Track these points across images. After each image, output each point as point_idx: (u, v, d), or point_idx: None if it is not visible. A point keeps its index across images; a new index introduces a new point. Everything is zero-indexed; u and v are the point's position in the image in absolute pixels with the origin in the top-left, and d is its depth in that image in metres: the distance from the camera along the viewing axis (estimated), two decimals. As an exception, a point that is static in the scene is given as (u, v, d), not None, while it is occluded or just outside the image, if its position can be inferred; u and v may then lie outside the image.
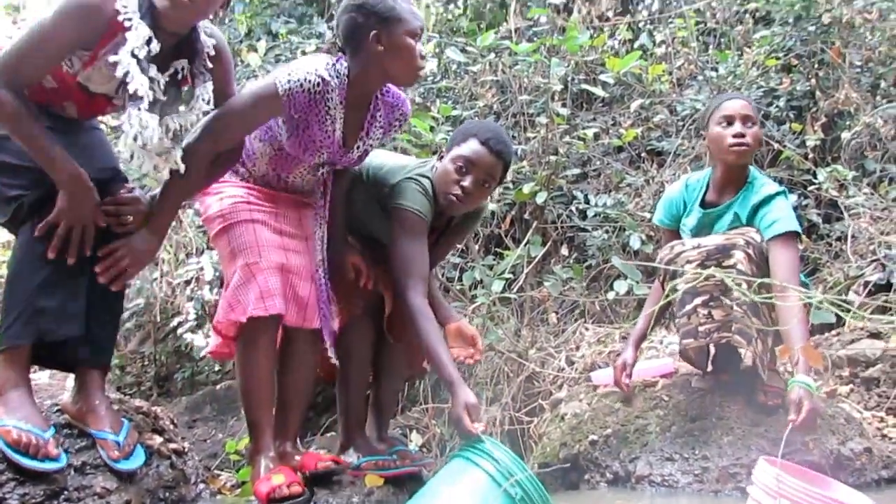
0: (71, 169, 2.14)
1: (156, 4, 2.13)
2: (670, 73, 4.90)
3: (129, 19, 2.11)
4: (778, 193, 2.74)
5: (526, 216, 4.35)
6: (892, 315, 3.02)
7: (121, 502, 2.25)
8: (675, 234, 3.05)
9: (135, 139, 2.18)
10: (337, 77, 2.35)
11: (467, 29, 5.65)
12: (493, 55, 4.69)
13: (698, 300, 2.66)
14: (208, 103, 2.31)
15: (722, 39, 5.29)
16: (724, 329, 2.65)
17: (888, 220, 3.74)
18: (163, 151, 2.30)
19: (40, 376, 2.87)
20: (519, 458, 2.23)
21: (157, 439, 2.55)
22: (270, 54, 5.15)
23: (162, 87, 2.22)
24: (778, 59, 4.88)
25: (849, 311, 2.43)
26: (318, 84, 2.30)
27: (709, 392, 2.90)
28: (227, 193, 2.49)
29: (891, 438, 2.86)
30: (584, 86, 4.78)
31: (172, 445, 2.57)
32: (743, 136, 2.75)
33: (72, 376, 2.46)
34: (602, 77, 4.67)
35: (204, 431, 3.65)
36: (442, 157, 2.64)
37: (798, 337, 2.47)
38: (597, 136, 4.55)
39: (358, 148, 2.52)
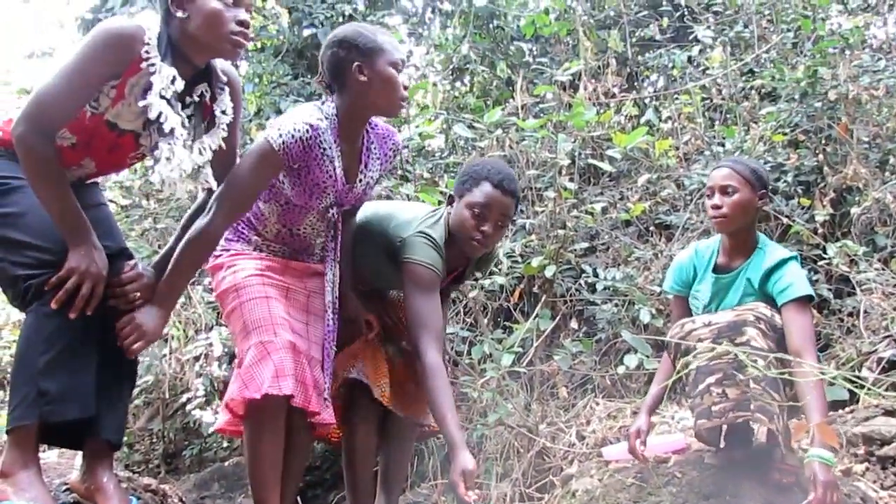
0: (85, 226, 2.19)
1: (175, 40, 2.21)
2: (677, 148, 4.97)
3: (153, 63, 2.18)
4: (790, 258, 2.74)
5: (535, 290, 4.36)
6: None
7: (128, 582, 2.25)
8: (685, 301, 3.05)
9: (170, 172, 2.24)
10: (326, 118, 2.45)
11: (474, 105, 5.76)
12: (500, 131, 4.77)
13: (711, 379, 2.63)
14: (226, 113, 2.39)
15: (728, 115, 5.38)
16: (739, 408, 2.61)
17: (900, 295, 3.76)
18: (195, 176, 2.40)
19: (49, 455, 2.88)
20: None
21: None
22: (281, 131, 5.25)
23: (188, 119, 2.30)
24: (785, 134, 4.93)
25: (863, 387, 2.43)
26: (308, 131, 2.37)
27: (722, 469, 2.88)
28: (240, 266, 2.51)
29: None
30: (591, 161, 4.85)
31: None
32: (719, 206, 2.79)
33: (80, 455, 2.47)
34: (609, 152, 4.73)
35: (212, 509, 3.63)
36: (452, 201, 2.71)
37: (816, 409, 2.44)
38: (605, 211, 4.60)
39: (360, 182, 2.60)
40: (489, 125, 4.72)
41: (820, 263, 4.21)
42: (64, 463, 2.93)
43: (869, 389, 2.48)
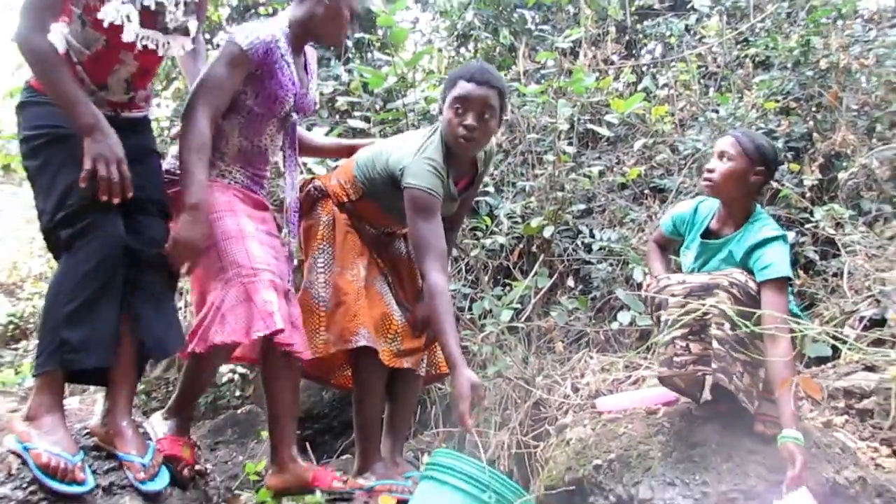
0: (92, 117, 2.19)
1: None
2: (672, 115, 4.95)
3: None
4: (776, 238, 2.69)
5: (533, 249, 4.37)
6: (886, 349, 3.04)
7: (146, 521, 2.29)
8: (668, 241, 3.10)
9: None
10: (281, 30, 2.59)
11: (479, 71, 5.72)
12: (503, 96, 4.74)
13: (677, 332, 2.65)
14: None
15: (723, 83, 5.34)
16: (701, 363, 2.64)
17: (883, 258, 3.76)
18: (179, 26, 2.43)
19: (71, 402, 2.91)
20: (480, 463, 2.27)
21: (181, 462, 2.59)
22: (292, 94, 5.23)
23: None
24: (777, 101, 4.91)
25: (845, 343, 2.46)
26: (270, 37, 2.52)
27: (708, 420, 2.91)
28: (223, 198, 2.52)
29: (884, 468, 2.86)
30: (589, 126, 4.84)
31: (196, 467, 2.59)
32: (712, 171, 2.77)
33: (101, 401, 2.50)
34: (607, 118, 4.71)
35: (225, 453, 3.67)
36: (443, 102, 2.71)
37: (783, 384, 2.46)
38: (602, 174, 4.60)
39: (310, 89, 2.74)
40: (492, 90, 4.68)
41: (807, 226, 4.22)
42: (85, 409, 2.95)
43: (851, 346, 2.49)
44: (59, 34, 2.30)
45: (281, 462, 2.61)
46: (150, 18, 2.36)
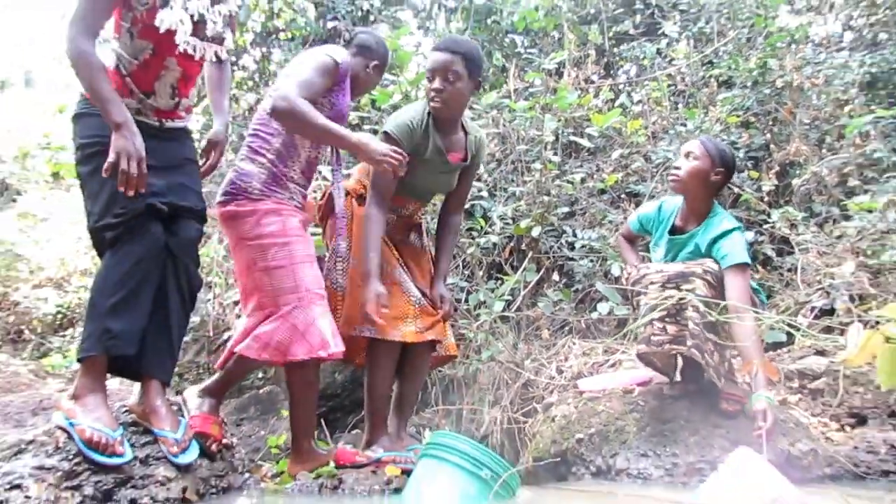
0: (122, 116, 2.18)
1: None
2: (646, 128, 4.93)
3: None
4: (734, 229, 2.72)
5: (523, 247, 4.36)
6: (835, 335, 3.03)
7: (178, 489, 2.27)
8: (635, 236, 3.12)
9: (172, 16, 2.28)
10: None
11: (474, 89, 5.71)
12: (495, 111, 4.74)
13: (656, 315, 2.66)
14: None
15: (690, 100, 5.33)
16: (676, 342, 2.65)
17: (832, 255, 3.75)
18: (216, 36, 2.45)
19: (111, 383, 2.90)
20: (475, 442, 2.28)
21: (210, 437, 2.58)
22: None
23: None
24: (738, 116, 4.91)
25: (798, 330, 2.44)
26: (344, 64, 2.63)
27: (678, 399, 2.91)
28: (286, 220, 2.52)
29: (833, 441, 2.86)
30: (572, 138, 4.82)
31: (223, 441, 2.59)
32: (678, 168, 2.78)
33: (138, 383, 2.49)
34: (588, 130, 4.71)
35: (249, 429, 3.65)
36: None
37: (754, 353, 2.47)
38: (583, 181, 4.59)
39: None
40: (486, 106, 4.69)
41: (765, 227, 4.22)
42: (124, 389, 2.96)
43: (804, 333, 2.49)
44: (109, 51, 2.31)
45: (301, 450, 2.63)
46: (195, 27, 2.37)
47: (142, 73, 2.35)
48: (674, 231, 2.88)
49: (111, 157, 2.15)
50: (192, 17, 2.35)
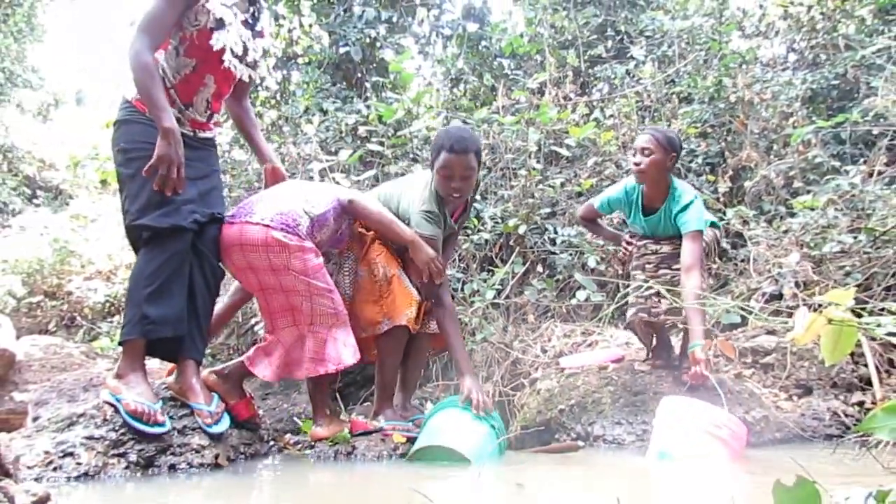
0: (172, 123, 2.16)
1: None
2: (617, 139, 4.90)
3: None
4: (690, 202, 2.77)
5: (511, 243, 4.34)
6: (783, 317, 3.01)
7: (211, 456, 2.26)
8: (598, 215, 3.16)
9: (227, 36, 2.30)
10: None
11: (467, 106, 5.68)
12: (486, 125, 4.71)
13: (651, 291, 2.73)
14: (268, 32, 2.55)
15: (655, 113, 5.30)
16: (670, 313, 2.73)
17: (780, 247, 3.72)
18: (250, 62, 2.45)
19: (152, 363, 2.87)
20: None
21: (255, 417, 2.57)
22: (322, 126, 5.19)
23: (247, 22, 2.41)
24: (697, 128, 4.89)
25: (751, 313, 2.43)
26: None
27: (647, 374, 2.89)
28: (318, 258, 2.51)
29: (783, 409, 2.85)
30: (553, 148, 4.79)
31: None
32: (638, 164, 2.78)
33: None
34: (566, 141, 4.67)
35: (274, 402, 3.63)
36: (433, 168, 2.62)
37: (695, 311, 2.53)
38: (563, 185, 4.56)
39: None
40: (478, 121, 4.66)
41: (721, 223, 4.18)
42: (164, 369, 2.92)
43: (756, 316, 2.47)
44: (159, 62, 2.27)
45: (322, 417, 2.64)
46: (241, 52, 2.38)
47: (183, 86, 2.33)
48: (646, 212, 2.90)
49: (153, 160, 2.13)
50: (242, 42, 2.35)
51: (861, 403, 2.86)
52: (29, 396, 3.56)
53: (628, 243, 3.02)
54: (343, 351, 2.46)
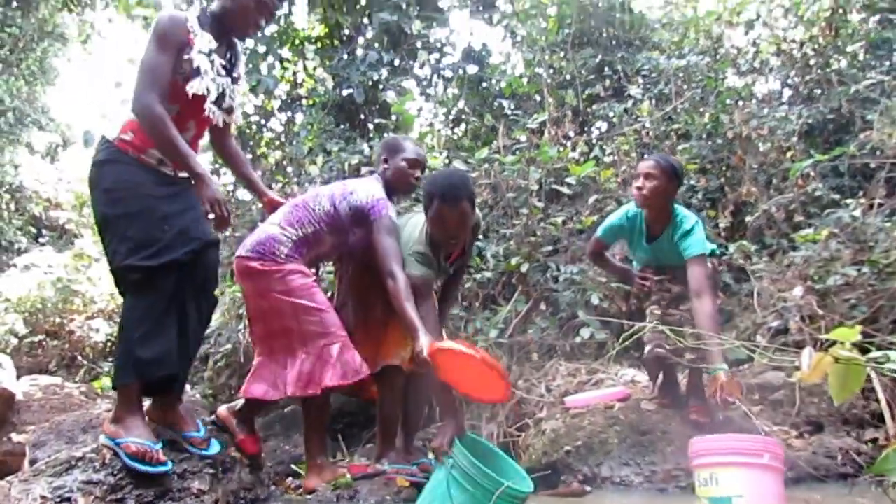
0: (203, 167, 2.21)
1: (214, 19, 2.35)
2: (617, 176, 4.92)
3: (195, 33, 2.27)
4: (692, 227, 2.76)
5: (513, 281, 4.31)
6: (790, 351, 2.96)
7: (211, 501, 2.20)
8: (606, 247, 3.13)
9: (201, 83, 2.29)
10: None
11: (468, 146, 5.72)
12: (487, 164, 4.73)
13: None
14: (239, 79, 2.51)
15: (654, 150, 5.32)
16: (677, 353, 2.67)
17: (783, 281, 3.69)
18: (227, 107, 2.45)
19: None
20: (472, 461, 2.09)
21: (239, 452, 2.50)
22: (325, 166, 5.22)
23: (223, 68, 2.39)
24: (696, 164, 4.91)
25: (756, 350, 2.39)
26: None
27: (655, 412, 2.83)
28: (305, 277, 2.49)
29: (794, 447, 2.77)
30: (554, 186, 4.80)
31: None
32: (641, 188, 2.77)
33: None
34: (567, 179, 4.68)
35: (274, 444, 3.56)
36: (426, 215, 2.54)
37: (712, 330, 2.51)
38: (564, 222, 4.56)
39: None
40: (479, 160, 4.68)
41: (723, 258, 4.16)
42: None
43: (761, 353, 2.43)
44: None
45: (313, 467, 2.54)
46: (217, 97, 2.38)
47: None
48: (650, 238, 2.88)
49: (205, 206, 2.17)
50: (218, 88, 2.35)
51: (875, 440, 2.78)
52: (27, 438, 3.49)
53: (644, 279, 2.97)
54: (328, 373, 2.39)
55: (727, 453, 2.07)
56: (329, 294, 2.82)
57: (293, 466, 3.12)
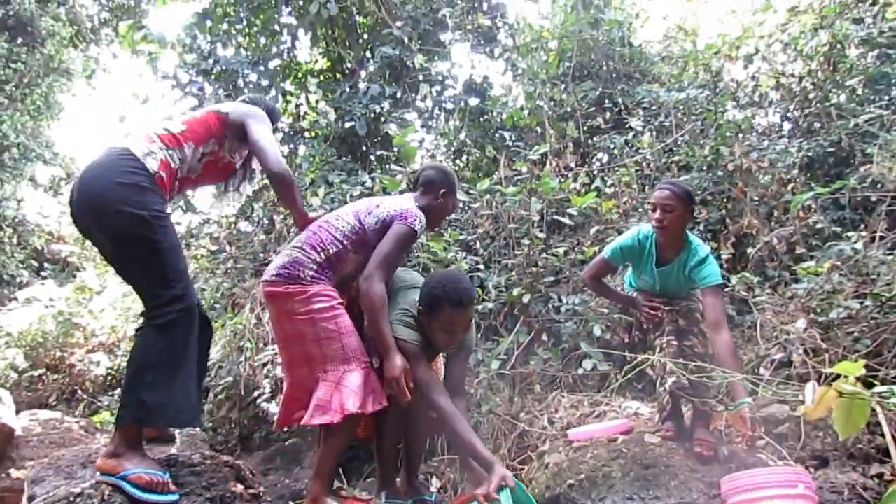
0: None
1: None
2: (618, 207, 4.96)
3: None
4: (706, 256, 2.80)
5: (515, 312, 4.32)
6: (793, 384, 2.96)
7: (210, 536, 2.17)
8: (609, 270, 3.14)
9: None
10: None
11: (469, 177, 5.78)
12: (488, 195, 4.77)
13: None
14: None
15: (655, 182, 5.37)
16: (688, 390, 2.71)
17: (786, 314, 3.70)
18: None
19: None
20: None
21: (240, 486, 2.48)
22: (327, 197, 5.27)
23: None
24: (697, 196, 4.92)
25: (759, 384, 2.39)
26: (423, 220, 2.58)
27: (658, 445, 2.82)
28: (332, 299, 2.47)
29: (799, 482, 2.75)
30: (555, 216, 4.84)
31: (251, 490, 2.49)
32: (661, 220, 2.79)
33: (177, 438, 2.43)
34: (568, 210, 4.72)
35: (275, 478, 3.53)
36: (421, 313, 2.50)
37: (732, 364, 2.56)
38: (566, 253, 4.58)
39: None
40: (480, 191, 4.72)
41: (726, 290, 4.17)
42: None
43: (764, 386, 2.43)
44: (184, 149, 2.41)
45: (317, 498, 2.48)
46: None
47: (181, 181, 2.46)
48: (659, 263, 2.90)
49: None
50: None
51: (880, 475, 2.75)
52: (26, 473, 3.47)
53: (654, 308, 2.97)
54: (348, 399, 2.34)
55: (764, 487, 2.07)
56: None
57: (291, 503, 3.10)
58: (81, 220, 2.26)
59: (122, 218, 2.14)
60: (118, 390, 6.10)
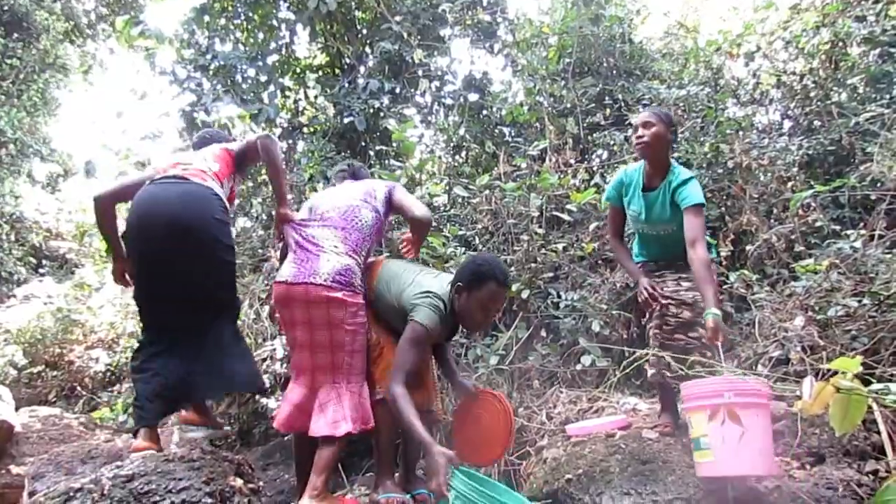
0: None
1: None
2: (618, 203, 4.96)
3: None
4: (690, 178, 2.85)
5: (514, 307, 4.35)
6: (791, 381, 2.98)
7: (211, 529, 2.20)
8: (619, 210, 3.14)
9: None
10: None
11: (469, 173, 5.80)
12: (487, 191, 4.79)
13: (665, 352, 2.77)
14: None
15: (654, 179, 5.38)
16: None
17: (784, 311, 3.72)
18: None
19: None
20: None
21: (239, 481, 2.51)
22: (327, 192, 5.28)
23: None
24: (696, 193, 4.94)
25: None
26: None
27: (656, 441, 2.84)
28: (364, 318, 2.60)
29: (795, 478, 2.78)
30: (554, 212, 4.86)
31: (250, 485, 2.52)
32: (641, 137, 2.85)
33: (176, 433, 2.47)
34: (568, 206, 4.74)
35: (275, 473, 3.56)
36: (460, 290, 2.55)
37: (707, 278, 2.61)
38: (565, 249, 4.60)
39: None
40: (480, 187, 4.74)
41: (724, 287, 4.19)
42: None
43: (763, 381, 2.45)
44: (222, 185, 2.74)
45: (315, 490, 2.52)
46: None
47: None
48: (645, 189, 2.93)
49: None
50: None
51: (875, 472, 2.78)
52: (26, 470, 3.50)
53: (652, 297, 2.99)
54: (366, 412, 2.54)
55: (692, 399, 2.28)
56: None
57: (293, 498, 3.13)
58: (169, 240, 2.50)
59: (219, 247, 2.60)
60: (117, 386, 6.13)
